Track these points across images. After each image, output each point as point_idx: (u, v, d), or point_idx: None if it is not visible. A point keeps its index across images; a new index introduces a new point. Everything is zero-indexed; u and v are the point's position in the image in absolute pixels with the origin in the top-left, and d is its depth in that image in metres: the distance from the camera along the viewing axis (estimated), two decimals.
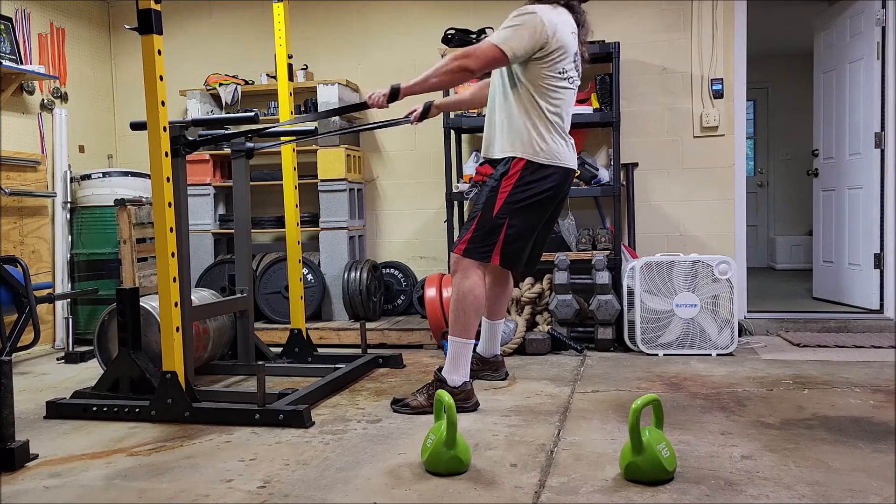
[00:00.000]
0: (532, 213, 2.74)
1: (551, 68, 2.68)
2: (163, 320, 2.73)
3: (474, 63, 2.61)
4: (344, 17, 4.93)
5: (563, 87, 2.75)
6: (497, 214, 2.71)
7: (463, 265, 2.74)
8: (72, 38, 4.96)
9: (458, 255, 2.76)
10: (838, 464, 2.09)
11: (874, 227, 4.46)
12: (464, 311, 2.72)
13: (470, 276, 2.73)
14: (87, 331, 4.51)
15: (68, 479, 2.14)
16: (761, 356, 3.69)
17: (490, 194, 2.73)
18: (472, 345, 2.78)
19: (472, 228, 2.74)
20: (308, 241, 4.73)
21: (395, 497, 1.93)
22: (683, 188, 4.49)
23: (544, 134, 2.71)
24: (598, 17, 4.52)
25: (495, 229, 2.71)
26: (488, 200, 2.73)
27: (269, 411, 2.63)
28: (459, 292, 2.73)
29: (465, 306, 2.72)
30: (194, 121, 3.14)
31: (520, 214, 2.72)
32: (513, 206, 2.70)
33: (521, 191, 2.70)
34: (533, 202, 2.72)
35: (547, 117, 2.72)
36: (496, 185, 2.73)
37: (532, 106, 2.71)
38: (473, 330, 2.75)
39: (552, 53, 2.66)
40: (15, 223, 4.37)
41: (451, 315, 2.76)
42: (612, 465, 2.11)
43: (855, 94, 4.66)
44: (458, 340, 2.75)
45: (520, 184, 2.70)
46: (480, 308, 2.77)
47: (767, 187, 8.25)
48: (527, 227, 2.76)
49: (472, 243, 2.74)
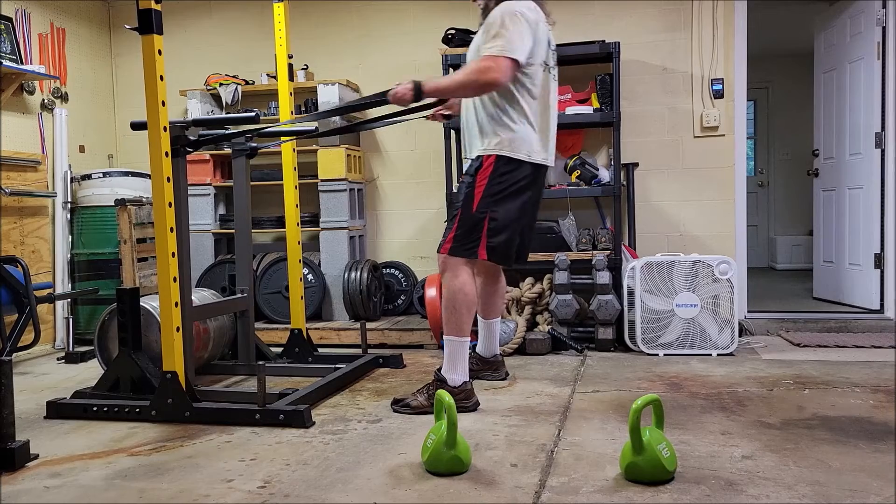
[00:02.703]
0: (512, 202, 2.75)
1: (530, 66, 2.69)
2: (163, 320, 2.73)
3: (502, 76, 2.57)
4: (344, 17, 4.93)
5: (542, 77, 2.75)
6: (477, 209, 2.72)
7: (450, 264, 2.76)
8: (72, 38, 4.96)
9: (444, 255, 2.78)
10: (838, 464, 2.09)
11: (874, 227, 4.46)
12: (455, 310, 2.73)
13: (459, 275, 2.74)
14: (88, 331, 4.51)
15: (68, 479, 2.14)
16: (762, 356, 3.69)
17: (467, 191, 2.75)
18: (468, 342, 2.78)
19: (455, 227, 2.76)
20: (308, 241, 4.73)
21: (396, 497, 1.93)
22: (684, 188, 4.49)
23: (516, 128, 2.71)
24: (598, 17, 4.56)
25: (478, 224, 2.72)
26: (466, 197, 2.74)
27: (269, 411, 2.63)
28: (449, 291, 2.74)
29: (457, 304, 2.73)
30: (195, 121, 3.14)
31: (500, 206, 2.72)
32: (491, 198, 2.71)
33: (497, 182, 2.71)
34: (510, 192, 2.73)
35: (522, 111, 2.72)
36: (472, 181, 2.74)
37: (510, 103, 2.71)
38: (467, 327, 2.76)
39: (535, 48, 2.67)
40: (15, 223, 4.37)
41: (444, 315, 2.77)
42: (613, 465, 2.11)
43: (855, 94, 4.66)
44: (454, 339, 2.76)
45: (494, 176, 2.71)
46: (472, 305, 2.76)
47: (768, 187, 8.25)
48: (509, 218, 2.75)
49: (456, 241, 2.75)
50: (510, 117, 2.71)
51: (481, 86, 2.61)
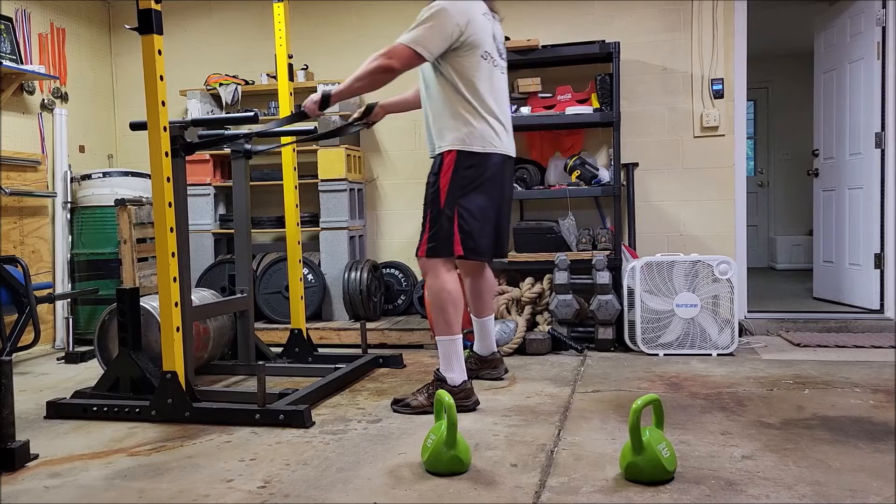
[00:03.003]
0: (478, 196, 2.74)
1: (470, 57, 2.69)
2: (163, 320, 2.72)
3: (397, 63, 2.64)
4: (343, 17, 4.93)
5: (485, 70, 2.74)
6: (445, 207, 2.72)
7: (430, 266, 2.77)
8: (72, 38, 4.96)
9: (423, 258, 2.79)
10: (838, 464, 2.09)
11: (874, 227, 4.46)
12: (441, 309, 2.73)
13: (439, 275, 2.74)
14: (88, 331, 4.51)
15: (68, 479, 2.14)
16: (761, 356, 3.69)
17: (433, 191, 2.76)
18: (460, 339, 2.78)
19: (427, 228, 2.77)
20: (308, 241, 4.73)
21: (396, 497, 1.93)
22: (684, 188, 4.49)
23: (471, 121, 2.71)
24: (598, 17, 4.56)
25: (448, 222, 2.72)
26: (433, 196, 2.75)
27: (269, 411, 2.63)
28: (432, 292, 2.76)
29: (442, 303, 2.73)
30: (194, 121, 3.14)
31: (467, 201, 2.72)
32: (457, 194, 2.72)
33: (461, 178, 2.71)
34: (475, 186, 2.73)
35: (473, 105, 2.71)
36: (436, 181, 2.75)
37: (457, 95, 2.71)
38: (456, 325, 2.76)
39: (468, 42, 2.67)
40: (15, 223, 4.37)
41: (432, 316, 2.78)
42: (613, 465, 2.11)
43: (855, 94, 4.66)
44: (445, 339, 2.76)
45: (457, 172, 2.71)
46: (458, 302, 2.76)
47: (767, 187, 8.25)
48: (478, 212, 2.75)
49: (430, 242, 2.75)
50: (463, 112, 2.71)
51: (373, 73, 2.66)
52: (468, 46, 2.68)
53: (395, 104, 3.29)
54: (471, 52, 2.69)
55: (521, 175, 4.35)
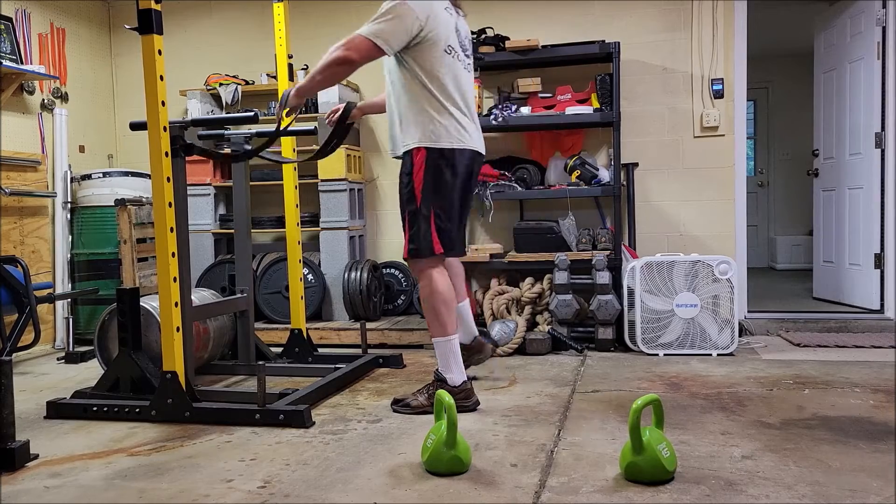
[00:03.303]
0: (451, 192, 2.74)
1: (433, 51, 2.68)
2: (163, 320, 2.73)
3: (355, 54, 2.63)
4: (343, 18, 4.92)
5: (449, 64, 2.73)
6: (420, 206, 2.72)
7: (418, 267, 2.77)
8: (72, 38, 4.96)
9: (410, 260, 2.80)
10: (838, 464, 2.09)
11: (874, 227, 4.46)
12: (434, 310, 2.73)
13: (428, 275, 2.75)
14: (88, 331, 4.51)
15: (68, 479, 2.14)
16: (761, 356, 3.69)
17: (407, 191, 2.75)
18: (456, 339, 2.78)
19: (407, 230, 2.77)
20: (308, 241, 4.72)
21: (396, 497, 1.93)
22: (684, 188, 4.49)
23: (437, 117, 2.70)
24: (598, 17, 4.56)
25: (425, 221, 2.72)
26: (409, 197, 2.75)
27: (269, 411, 2.63)
28: (423, 294, 2.77)
29: (434, 304, 2.73)
30: (194, 121, 3.14)
31: (438, 198, 2.72)
32: (429, 192, 2.71)
33: (431, 175, 2.71)
34: (446, 182, 2.72)
35: (439, 99, 2.70)
36: (409, 181, 2.74)
37: (422, 91, 2.70)
38: (451, 325, 2.76)
39: (430, 37, 2.66)
40: (15, 223, 4.37)
41: (426, 318, 2.78)
42: (613, 465, 2.11)
43: (855, 94, 4.66)
44: (441, 339, 2.76)
45: (428, 170, 2.70)
46: (449, 301, 2.76)
47: (767, 187, 8.25)
48: (451, 208, 2.76)
49: (413, 243, 2.76)
50: (428, 108, 2.70)
51: (332, 65, 2.66)
52: (430, 41, 2.66)
53: (371, 105, 3.29)
54: (433, 46, 2.67)
55: (521, 175, 4.35)
